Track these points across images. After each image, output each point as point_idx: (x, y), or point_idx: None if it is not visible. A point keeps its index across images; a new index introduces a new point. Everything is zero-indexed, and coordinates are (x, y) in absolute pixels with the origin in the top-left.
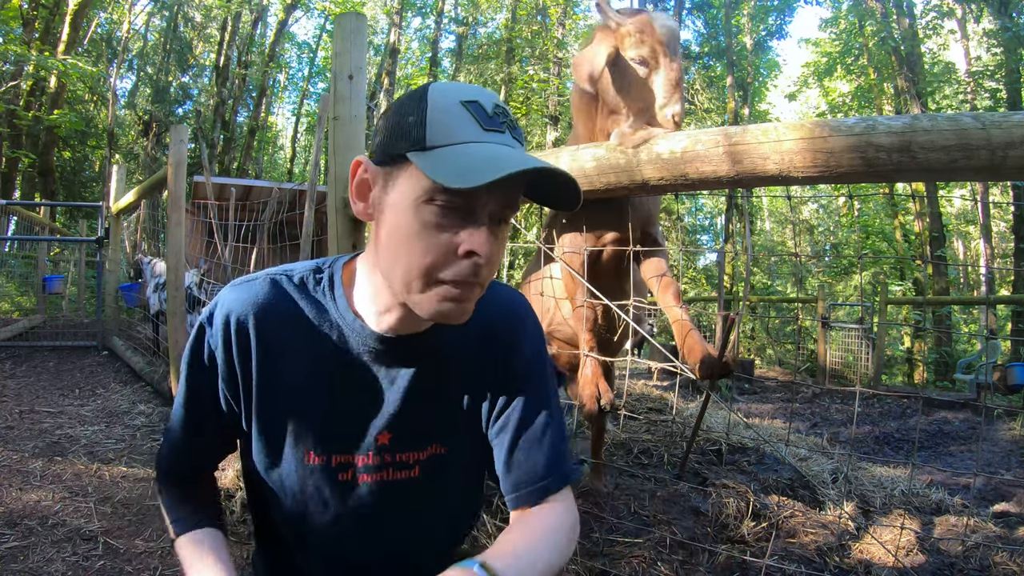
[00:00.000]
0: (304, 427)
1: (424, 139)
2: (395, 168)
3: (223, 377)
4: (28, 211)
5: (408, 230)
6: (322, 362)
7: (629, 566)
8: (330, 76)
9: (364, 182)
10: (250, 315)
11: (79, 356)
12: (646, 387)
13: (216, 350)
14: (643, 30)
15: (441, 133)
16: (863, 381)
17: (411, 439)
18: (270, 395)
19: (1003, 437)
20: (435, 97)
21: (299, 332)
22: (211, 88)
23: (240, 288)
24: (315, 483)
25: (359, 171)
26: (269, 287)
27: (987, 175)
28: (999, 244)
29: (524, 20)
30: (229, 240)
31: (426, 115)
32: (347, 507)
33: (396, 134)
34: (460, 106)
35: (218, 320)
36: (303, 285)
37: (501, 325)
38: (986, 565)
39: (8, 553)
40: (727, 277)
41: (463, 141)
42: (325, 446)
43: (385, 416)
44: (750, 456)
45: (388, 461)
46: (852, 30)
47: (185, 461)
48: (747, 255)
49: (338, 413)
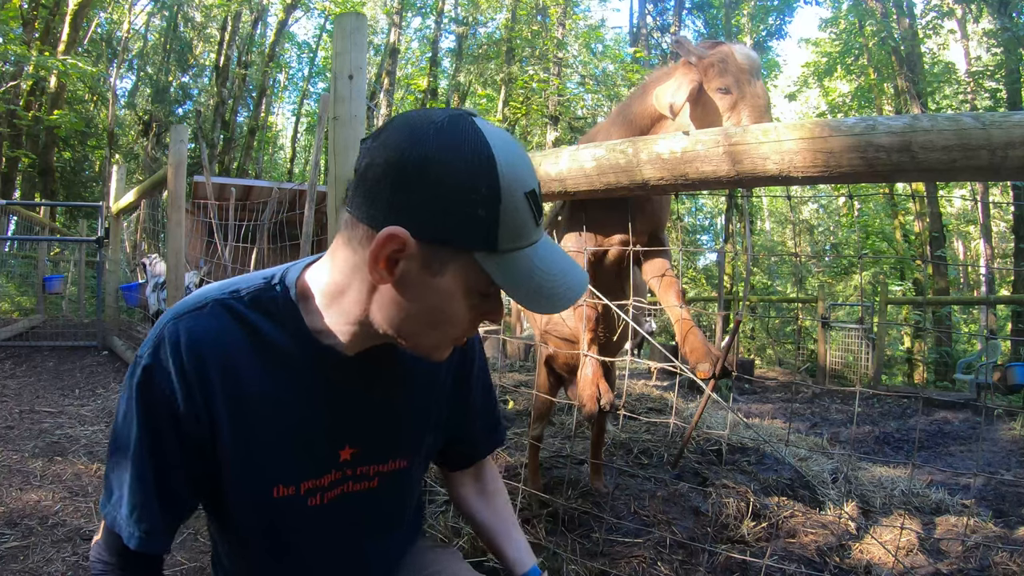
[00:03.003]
0: (272, 457)
1: (496, 243)
2: (447, 252)
3: (184, 415)
4: (28, 211)
5: (449, 314)
6: (283, 382)
7: (629, 566)
8: (330, 76)
9: (395, 256)
10: (204, 345)
11: (79, 356)
12: (646, 387)
13: (172, 386)
14: (726, 60)
15: (510, 237)
16: (863, 381)
17: (374, 454)
18: (234, 428)
19: (1003, 437)
20: (507, 187)
21: (258, 355)
22: (211, 88)
23: (187, 318)
24: (288, 515)
25: (392, 245)
26: (221, 313)
27: (987, 175)
28: (999, 244)
29: (524, 20)
30: (229, 240)
31: (499, 215)
32: (319, 530)
33: (459, 223)
34: (524, 200)
35: (167, 355)
36: (255, 303)
37: None
38: (986, 565)
39: (8, 553)
40: (727, 277)
41: (524, 245)
42: (294, 475)
43: (348, 432)
44: (750, 456)
45: (348, 475)
46: (852, 30)
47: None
48: (747, 255)
49: (306, 436)
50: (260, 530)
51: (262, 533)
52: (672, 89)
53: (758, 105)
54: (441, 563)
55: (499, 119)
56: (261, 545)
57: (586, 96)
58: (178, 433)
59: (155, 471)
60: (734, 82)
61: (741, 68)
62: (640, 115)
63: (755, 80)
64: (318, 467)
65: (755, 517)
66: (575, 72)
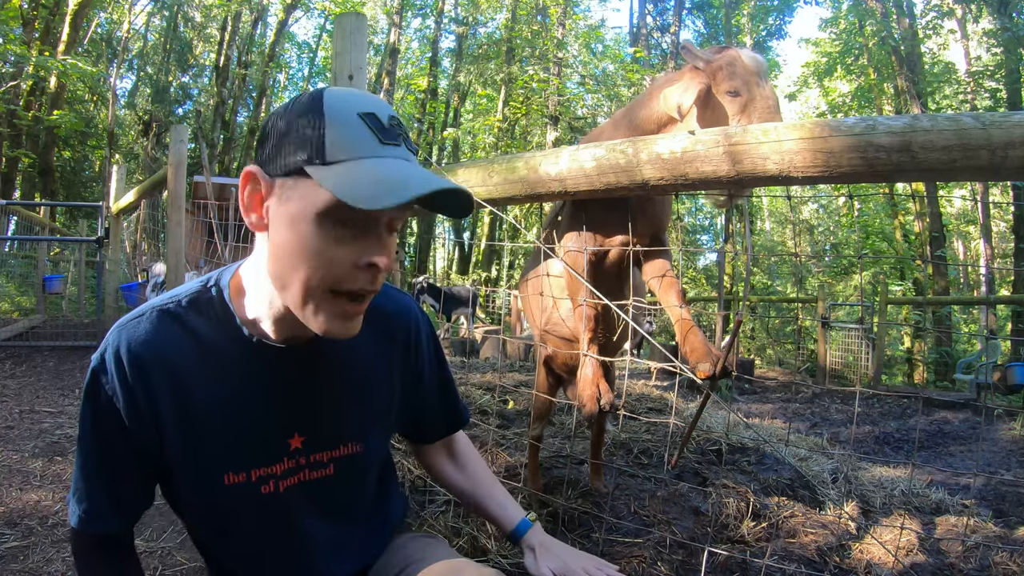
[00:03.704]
0: (220, 449)
1: (324, 153)
2: (290, 179)
3: (129, 418)
4: (28, 211)
5: (306, 244)
6: (225, 380)
7: (629, 566)
8: (330, 76)
9: (256, 193)
10: (146, 348)
11: (79, 356)
12: (646, 387)
13: (116, 393)
14: (733, 63)
15: (341, 147)
16: (863, 381)
17: (323, 440)
18: (184, 425)
19: (1003, 437)
20: (332, 107)
21: (198, 356)
22: (211, 88)
23: (129, 327)
24: (241, 502)
25: (249, 181)
26: (158, 318)
27: (987, 175)
28: (999, 244)
29: (524, 20)
30: (229, 240)
31: (324, 128)
32: (275, 518)
33: (291, 145)
34: (358, 119)
35: (110, 363)
36: (192, 306)
37: (398, 323)
38: (986, 565)
39: (8, 553)
40: (727, 277)
41: (362, 156)
42: (243, 463)
43: (294, 421)
44: (750, 456)
45: (303, 463)
46: (852, 30)
47: (108, 521)
48: (747, 255)
49: (250, 428)
50: (211, 516)
51: (213, 518)
52: (680, 91)
53: (769, 106)
54: (427, 551)
55: (499, 119)
56: (210, 529)
57: (586, 96)
58: (124, 435)
59: (100, 464)
60: (743, 84)
61: (749, 71)
62: (646, 119)
63: (764, 82)
64: (269, 455)
65: (755, 517)
66: (575, 72)
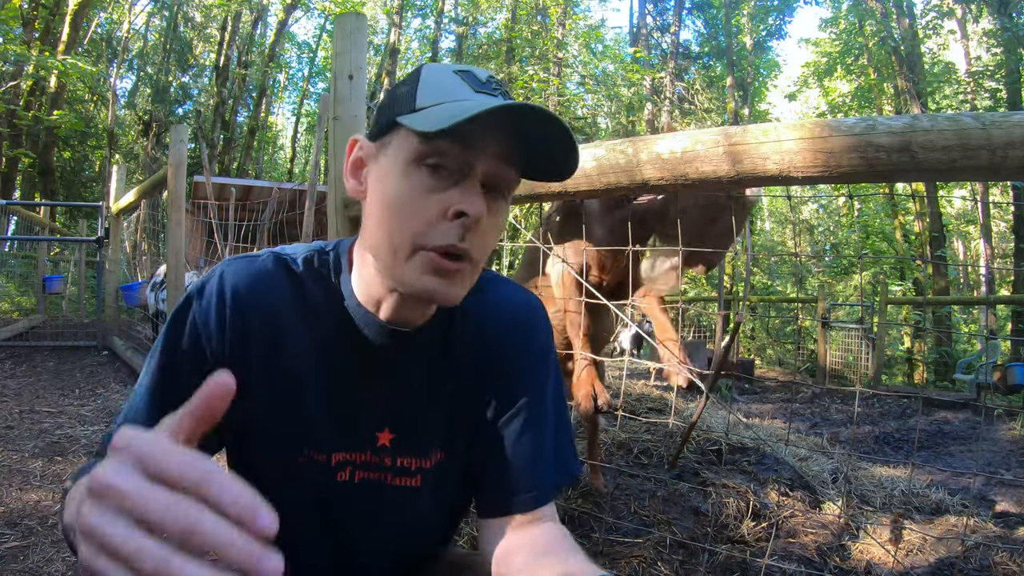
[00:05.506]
0: (303, 421)
1: (414, 103)
2: (387, 137)
3: (211, 358)
4: (28, 211)
5: (397, 196)
6: (325, 350)
7: (629, 566)
8: (330, 76)
9: (359, 160)
10: (252, 291)
11: (79, 356)
12: (646, 387)
13: (207, 326)
14: None
15: (431, 95)
16: (863, 381)
17: (414, 441)
18: (267, 383)
19: (1003, 437)
20: (428, 70)
21: (303, 316)
22: (211, 88)
23: (241, 262)
24: (312, 483)
25: (355, 149)
26: (273, 264)
27: (987, 175)
28: (999, 244)
29: (524, 20)
30: (229, 240)
31: (418, 84)
32: (342, 509)
33: (389, 106)
34: (453, 74)
35: (212, 293)
36: (309, 266)
37: (511, 325)
38: (986, 565)
39: (8, 553)
40: (727, 277)
41: (452, 100)
42: (325, 442)
43: (387, 414)
44: (750, 456)
45: (388, 465)
46: (852, 30)
47: None
48: (747, 255)
49: (340, 407)
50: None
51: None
52: None
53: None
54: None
55: None
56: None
57: (586, 96)
58: (200, 370)
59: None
60: None
61: None
62: None
63: None
64: (349, 440)
65: (755, 517)
66: (575, 72)
